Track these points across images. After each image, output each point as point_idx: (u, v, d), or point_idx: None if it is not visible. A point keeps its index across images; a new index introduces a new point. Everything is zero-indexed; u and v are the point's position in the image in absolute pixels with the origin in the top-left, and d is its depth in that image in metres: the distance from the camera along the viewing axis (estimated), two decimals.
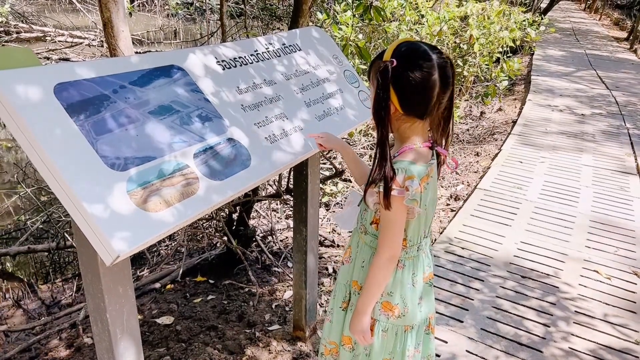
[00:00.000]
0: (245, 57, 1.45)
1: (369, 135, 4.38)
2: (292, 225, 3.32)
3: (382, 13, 3.04)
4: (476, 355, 1.96)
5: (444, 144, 1.20)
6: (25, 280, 3.26)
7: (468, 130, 5.55)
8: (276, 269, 2.83)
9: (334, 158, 4.30)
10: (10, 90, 0.86)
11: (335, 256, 2.97)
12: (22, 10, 10.06)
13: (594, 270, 2.62)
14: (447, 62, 1.08)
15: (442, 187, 3.97)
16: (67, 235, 3.19)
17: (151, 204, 0.93)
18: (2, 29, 8.83)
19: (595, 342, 2.09)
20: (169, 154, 1.03)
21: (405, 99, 1.08)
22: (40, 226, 3.65)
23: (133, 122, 1.02)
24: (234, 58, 1.41)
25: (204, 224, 3.44)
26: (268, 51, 1.54)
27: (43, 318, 2.71)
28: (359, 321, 1.22)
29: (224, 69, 1.35)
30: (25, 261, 3.49)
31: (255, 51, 1.50)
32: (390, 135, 1.15)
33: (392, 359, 1.30)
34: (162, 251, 3.31)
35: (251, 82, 1.39)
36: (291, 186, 3.20)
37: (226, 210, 3.02)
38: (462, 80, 5.06)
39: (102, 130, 0.95)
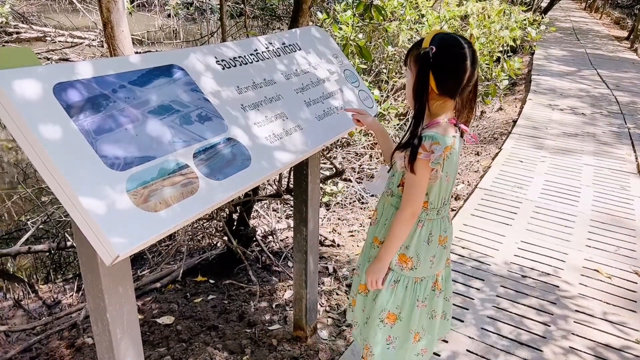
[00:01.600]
0: (245, 56, 1.45)
1: (369, 135, 4.38)
2: (292, 225, 3.32)
3: (382, 12, 3.03)
4: (477, 354, 1.96)
5: (467, 122, 1.37)
6: (26, 280, 3.26)
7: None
8: (277, 268, 2.83)
9: (334, 158, 4.30)
10: (10, 90, 0.86)
11: (336, 255, 2.97)
12: (22, 11, 10.06)
13: (595, 270, 2.62)
14: (474, 50, 1.26)
15: None
16: (67, 235, 3.20)
17: (151, 203, 0.93)
18: (2, 29, 8.83)
19: (595, 341, 2.09)
20: (168, 153, 1.03)
21: (442, 81, 1.24)
22: (41, 226, 3.66)
23: (133, 121, 1.02)
24: (234, 57, 1.41)
25: (205, 224, 3.44)
26: (268, 50, 1.54)
27: (44, 318, 2.71)
28: (376, 267, 1.39)
29: (223, 69, 1.35)
30: (26, 261, 3.49)
31: (255, 51, 1.50)
32: None
33: (400, 313, 1.43)
34: (162, 251, 3.31)
35: (251, 81, 1.39)
36: (291, 186, 3.19)
37: (226, 210, 3.02)
38: None
39: (102, 130, 0.95)
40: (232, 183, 1.11)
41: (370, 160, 4.28)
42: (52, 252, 3.33)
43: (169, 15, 12.24)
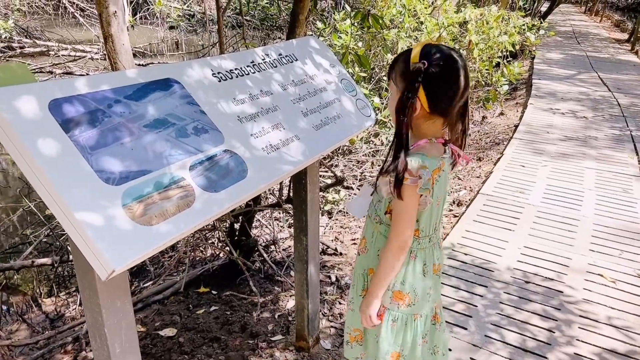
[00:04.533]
0: (241, 68, 1.46)
1: (370, 142, 4.38)
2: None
3: (380, 21, 3.05)
4: None
5: (459, 141, 1.28)
6: (29, 294, 3.27)
7: (470, 135, 5.55)
8: (279, 278, 2.82)
9: (336, 166, 4.30)
10: (5, 107, 0.87)
11: (339, 264, 2.96)
12: (26, 26, 10.18)
13: (598, 274, 2.60)
14: (466, 63, 1.17)
15: None
16: (70, 249, 3.20)
17: (147, 217, 0.93)
18: (6, 44, 8.93)
19: (600, 347, 2.07)
20: (164, 166, 1.03)
21: (434, 99, 1.14)
22: (44, 240, 3.66)
23: (128, 136, 1.03)
24: (231, 70, 1.42)
25: (207, 234, 3.44)
26: (265, 62, 1.55)
27: (47, 332, 2.71)
28: (369, 303, 1.29)
29: (220, 81, 1.35)
30: (29, 275, 3.50)
31: (252, 62, 1.51)
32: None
33: (402, 351, 1.35)
34: (164, 262, 3.31)
35: (248, 93, 1.40)
36: (292, 194, 3.19)
37: (228, 220, 3.02)
38: None
39: (97, 145, 0.96)
40: (229, 195, 1.11)
41: (372, 168, 4.28)
42: (55, 265, 3.34)
43: (171, 27, 12.36)
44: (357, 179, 4.17)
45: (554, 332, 2.13)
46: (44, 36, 10.10)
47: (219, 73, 1.38)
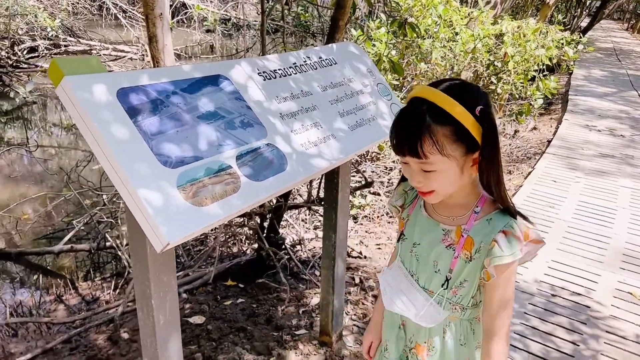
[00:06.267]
0: (284, 69, 1.54)
1: None
2: (320, 236, 3.39)
3: (416, 30, 3.11)
4: None
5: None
6: (67, 277, 3.44)
7: (501, 148, 5.50)
8: (304, 276, 2.89)
9: (364, 171, 4.36)
10: (80, 94, 0.98)
11: (363, 266, 3.01)
12: (71, 25, 10.66)
13: (628, 292, 2.56)
14: None
15: None
16: (107, 236, 3.36)
17: (198, 198, 1.02)
18: (52, 42, 9.39)
19: None
20: (214, 155, 1.12)
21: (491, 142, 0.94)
22: (82, 228, 3.84)
23: (183, 125, 1.12)
24: (274, 70, 1.51)
25: (236, 230, 3.55)
26: (306, 64, 1.63)
27: (83, 313, 2.86)
28: None
29: (264, 80, 1.44)
30: (67, 260, 3.67)
31: (294, 64, 1.59)
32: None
33: None
34: (194, 255, 3.43)
35: (289, 92, 1.48)
36: (321, 195, 3.27)
37: (257, 218, 3.12)
38: (496, 97, 5.05)
39: (157, 131, 1.06)
40: (270, 184, 1.19)
41: (400, 175, 4.30)
42: (92, 252, 3.51)
43: (207, 31, 12.72)
44: (384, 185, 4.22)
45: (578, 345, 2.12)
46: (86, 35, 10.56)
47: (263, 72, 1.46)
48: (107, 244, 3.39)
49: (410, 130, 0.93)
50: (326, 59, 1.72)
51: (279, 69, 1.52)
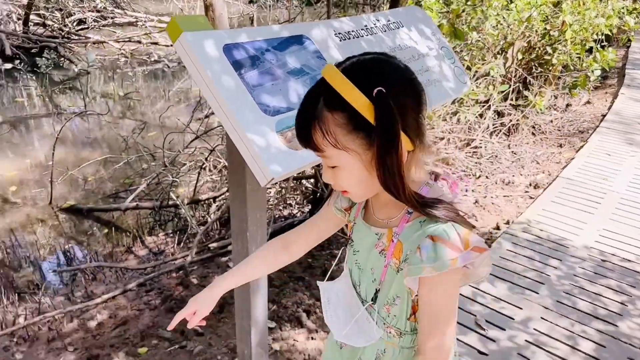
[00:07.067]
0: (357, 30, 1.64)
1: (447, 120, 4.43)
2: None
3: None
4: (550, 322, 2.05)
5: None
6: (134, 231, 3.74)
7: (552, 121, 5.39)
8: None
9: None
10: (195, 48, 1.13)
11: None
12: None
13: None
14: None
15: (521, 174, 3.96)
16: (172, 195, 3.62)
17: (293, 143, 1.16)
18: (100, 14, 9.73)
19: None
20: None
21: (414, 126, 0.79)
22: (143, 189, 4.11)
23: (277, 79, 1.26)
24: (349, 31, 1.61)
25: (286, 197, 3.73)
26: (376, 26, 1.73)
27: (152, 262, 3.14)
28: None
29: (340, 40, 1.55)
30: (131, 217, 3.97)
31: (365, 26, 1.69)
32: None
33: None
34: None
35: (363, 52, 1.59)
36: None
37: (311, 180, 3.28)
38: (550, 69, 4.93)
39: (257, 83, 1.20)
40: None
41: (448, 144, 4.34)
42: (156, 210, 3.79)
43: (250, 2, 12.78)
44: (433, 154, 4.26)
45: (626, 305, 2.18)
46: (130, 8, 10.84)
47: (339, 34, 1.57)
48: (170, 202, 3.65)
49: (303, 117, 0.80)
50: (394, 22, 1.81)
51: (352, 31, 1.62)
